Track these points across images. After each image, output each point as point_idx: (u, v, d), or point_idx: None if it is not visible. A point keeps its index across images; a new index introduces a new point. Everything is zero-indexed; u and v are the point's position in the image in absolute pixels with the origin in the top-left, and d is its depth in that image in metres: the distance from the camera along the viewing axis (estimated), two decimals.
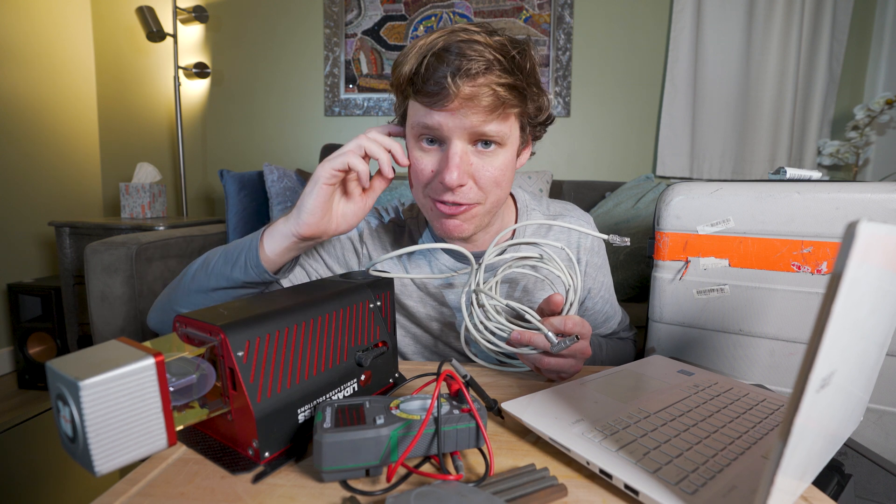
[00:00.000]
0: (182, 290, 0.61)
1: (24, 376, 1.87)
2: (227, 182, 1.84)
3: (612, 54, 2.13)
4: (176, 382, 0.32)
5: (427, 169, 0.57)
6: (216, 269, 0.58)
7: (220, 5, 2.24)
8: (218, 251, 0.60)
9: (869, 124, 1.87)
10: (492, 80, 0.51)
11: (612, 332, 0.80)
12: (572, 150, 2.20)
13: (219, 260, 0.59)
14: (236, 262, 0.57)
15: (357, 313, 0.46)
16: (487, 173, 0.56)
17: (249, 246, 0.57)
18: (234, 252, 0.58)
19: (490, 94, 0.51)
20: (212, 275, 0.58)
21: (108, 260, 1.29)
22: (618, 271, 1.48)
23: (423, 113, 0.54)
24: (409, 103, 0.57)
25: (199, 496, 0.33)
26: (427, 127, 0.54)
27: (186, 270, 0.63)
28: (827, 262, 0.66)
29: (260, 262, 0.56)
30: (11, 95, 1.97)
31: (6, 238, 1.99)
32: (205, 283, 0.59)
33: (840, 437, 0.38)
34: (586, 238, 0.72)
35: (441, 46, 0.51)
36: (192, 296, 0.60)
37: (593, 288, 0.74)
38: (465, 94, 0.50)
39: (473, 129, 0.53)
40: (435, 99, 0.52)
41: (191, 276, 0.61)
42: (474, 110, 0.52)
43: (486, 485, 0.33)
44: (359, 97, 2.23)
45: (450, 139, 0.54)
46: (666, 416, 0.43)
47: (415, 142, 0.57)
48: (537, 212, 0.73)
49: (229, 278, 0.57)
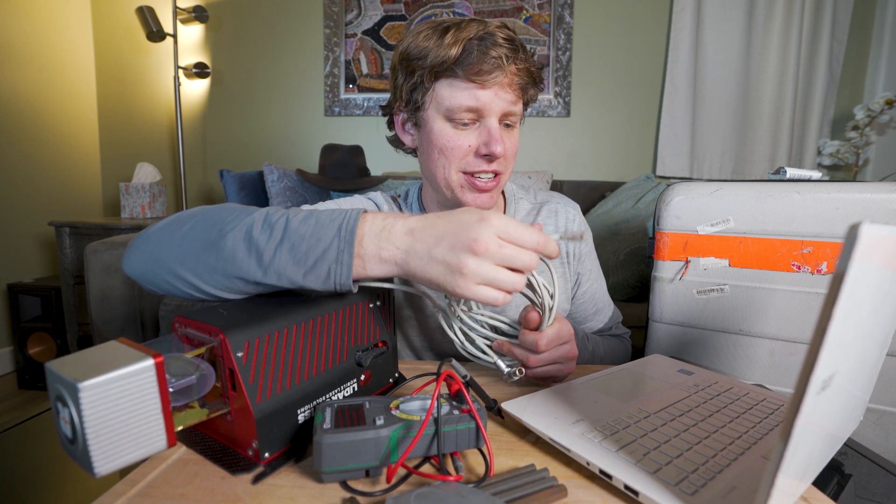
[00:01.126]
0: (203, 265, 0.42)
1: (24, 376, 1.87)
2: (227, 182, 1.84)
3: (612, 54, 2.13)
4: (176, 383, 0.32)
5: (465, 145, 0.60)
6: (278, 264, 0.40)
7: (220, 5, 2.24)
8: (274, 233, 0.41)
9: (869, 124, 1.87)
10: (527, 64, 0.60)
11: (604, 328, 0.79)
12: (572, 150, 2.20)
13: (281, 254, 0.40)
14: (313, 270, 0.40)
15: (357, 313, 0.46)
16: (511, 146, 0.63)
17: (338, 258, 0.39)
18: (307, 252, 0.40)
19: (526, 75, 0.60)
20: (269, 269, 0.40)
21: (108, 260, 1.29)
22: (618, 271, 1.48)
23: (467, 92, 0.58)
24: (438, 85, 0.60)
25: (199, 497, 0.33)
26: (470, 108, 0.58)
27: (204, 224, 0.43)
28: (827, 263, 0.66)
29: (351, 283, 0.41)
30: (11, 95, 1.97)
31: (6, 238, 1.99)
32: (249, 273, 0.41)
33: (840, 437, 0.38)
34: (573, 223, 0.74)
35: (483, 32, 0.57)
36: (218, 277, 0.42)
37: (582, 274, 0.74)
38: (512, 72, 0.58)
39: (508, 107, 0.60)
40: (487, 77, 0.57)
41: (228, 254, 0.41)
42: (511, 89, 0.59)
43: (486, 485, 0.33)
44: (359, 97, 2.23)
45: (487, 117, 0.59)
46: (666, 416, 0.43)
47: (447, 123, 0.61)
48: (525, 200, 0.75)
49: (292, 281, 0.40)
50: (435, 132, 0.61)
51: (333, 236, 0.40)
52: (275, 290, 0.42)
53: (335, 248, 0.39)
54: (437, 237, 0.39)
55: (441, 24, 0.60)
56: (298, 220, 0.41)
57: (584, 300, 0.75)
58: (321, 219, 0.41)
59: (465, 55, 0.57)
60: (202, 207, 0.46)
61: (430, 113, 0.61)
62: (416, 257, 0.39)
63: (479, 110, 0.59)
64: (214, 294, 0.43)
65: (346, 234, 0.39)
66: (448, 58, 0.57)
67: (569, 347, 0.52)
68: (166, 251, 0.43)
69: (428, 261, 0.39)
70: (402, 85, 0.63)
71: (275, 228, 0.41)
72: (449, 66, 0.57)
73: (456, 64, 0.57)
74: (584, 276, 0.74)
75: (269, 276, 0.40)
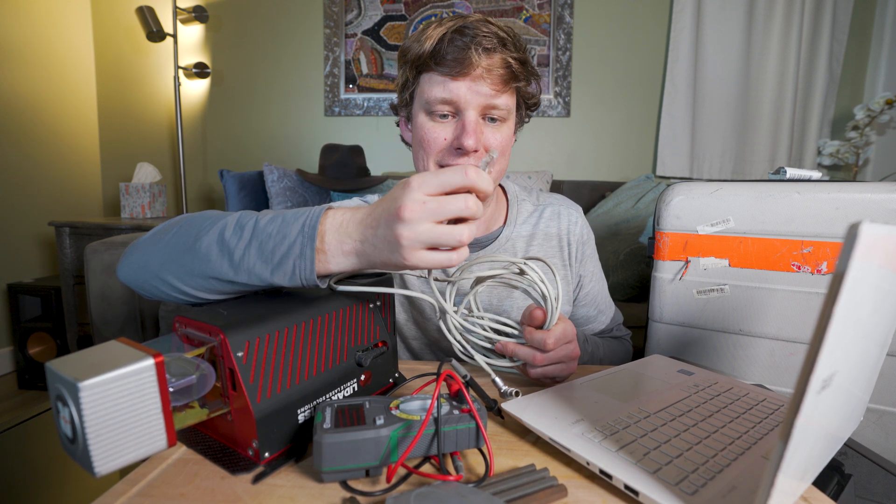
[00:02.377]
0: (184, 268, 0.44)
1: (24, 376, 1.87)
2: (227, 182, 1.84)
3: (612, 54, 2.13)
4: (176, 383, 0.32)
5: (440, 138, 0.60)
6: (247, 262, 0.41)
7: (220, 5, 2.24)
8: (240, 236, 0.42)
9: (869, 124, 1.87)
10: (506, 55, 0.58)
11: (605, 330, 0.79)
12: (572, 150, 2.20)
13: (250, 252, 0.41)
14: (279, 267, 0.41)
15: (357, 313, 0.46)
16: (496, 140, 0.61)
17: (301, 253, 0.40)
18: (274, 249, 0.41)
19: (504, 67, 0.58)
20: (239, 268, 0.41)
21: (108, 260, 1.29)
22: (618, 271, 1.48)
23: (441, 85, 0.58)
24: (421, 79, 0.61)
25: (199, 497, 0.33)
26: (444, 100, 0.58)
27: (186, 231, 0.46)
28: (827, 262, 0.66)
29: (315, 278, 0.41)
30: (11, 95, 1.97)
31: (6, 238, 1.99)
32: (222, 272, 0.42)
33: (840, 437, 0.38)
34: (575, 226, 0.73)
35: (460, 25, 0.58)
36: (196, 279, 0.44)
37: (584, 276, 0.74)
38: (485, 64, 0.57)
39: (488, 98, 0.58)
40: (457, 69, 0.57)
41: (203, 255, 0.43)
42: (489, 81, 0.58)
43: (486, 485, 0.33)
44: (359, 97, 2.23)
45: (465, 110, 0.59)
46: (666, 416, 0.43)
47: (426, 116, 0.61)
48: (527, 202, 0.75)
49: (261, 278, 0.42)
50: (417, 126, 0.63)
51: (297, 233, 0.40)
52: (251, 289, 0.43)
53: (298, 243, 0.40)
54: (377, 219, 0.39)
55: (434, 21, 0.61)
56: (266, 220, 0.43)
57: (586, 302, 0.75)
58: (287, 217, 0.42)
59: (438, 48, 0.58)
60: (186, 215, 0.49)
61: (416, 107, 0.63)
62: (369, 245, 0.39)
63: (453, 102, 0.59)
64: (196, 295, 0.44)
65: (309, 230, 0.40)
66: (423, 52, 0.58)
67: (572, 347, 0.52)
68: (152, 258, 0.46)
69: (376, 245, 0.39)
70: (398, 82, 0.66)
71: (245, 229, 0.42)
72: (425, 59, 0.59)
73: (430, 57, 0.58)
74: (587, 279, 0.74)
75: (240, 275, 0.41)
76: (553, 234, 0.73)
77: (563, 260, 0.73)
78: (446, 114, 0.60)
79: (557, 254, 0.72)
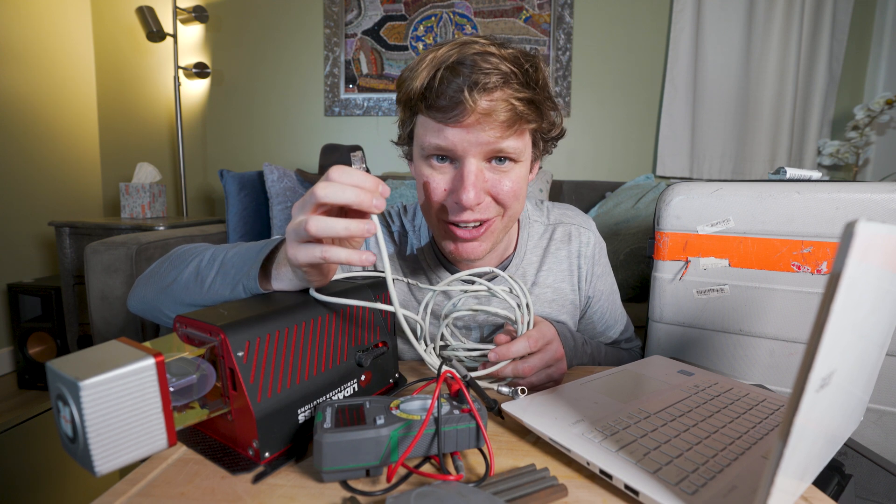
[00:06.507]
0: (171, 298, 0.51)
1: (24, 376, 1.87)
2: (227, 182, 1.84)
3: (612, 54, 2.13)
4: (176, 383, 0.32)
5: (440, 188, 0.53)
6: (214, 289, 0.48)
7: (220, 5, 2.24)
8: (212, 268, 0.49)
9: (869, 124, 1.87)
10: (509, 94, 0.49)
11: (613, 342, 0.78)
12: (572, 150, 2.20)
13: (217, 280, 0.48)
14: (234, 289, 0.46)
15: (357, 313, 0.46)
16: (505, 187, 0.53)
17: (248, 274, 0.45)
18: (234, 276, 0.46)
19: (507, 109, 0.49)
20: (208, 294, 0.48)
21: (108, 260, 1.29)
22: (618, 271, 1.48)
23: (436, 130, 0.51)
24: (417, 120, 0.54)
25: (199, 496, 0.33)
26: (440, 147, 0.51)
27: (173, 266, 0.53)
28: (827, 262, 0.66)
29: (257, 285, 0.45)
30: (11, 95, 1.97)
31: (6, 238, 1.99)
32: (199, 299, 0.49)
33: (840, 437, 0.38)
34: (587, 247, 0.70)
35: (455, 59, 0.49)
36: (183, 308, 0.51)
37: (592, 297, 0.72)
38: (482, 108, 0.48)
39: (490, 145, 0.50)
40: (450, 115, 0.49)
41: (182, 286, 0.50)
42: (491, 125, 0.49)
43: (486, 485, 0.33)
44: (359, 97, 2.23)
45: (464, 157, 0.51)
46: (666, 417, 0.43)
47: (424, 160, 0.54)
48: (538, 223, 0.71)
49: (228, 299, 0.47)
50: (416, 171, 0.57)
51: (254, 258, 0.45)
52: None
53: (243, 273, 0.45)
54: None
55: (433, 48, 0.52)
56: (233, 252, 0.49)
57: (592, 319, 0.74)
58: (252, 248, 0.47)
59: (429, 87, 0.49)
60: (176, 251, 0.56)
61: (415, 149, 0.56)
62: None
63: (450, 151, 0.51)
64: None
65: (261, 255, 0.45)
66: (413, 90, 0.51)
67: (555, 347, 0.52)
68: (149, 292, 0.54)
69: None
70: (398, 116, 0.58)
71: (215, 262, 0.49)
72: (416, 100, 0.51)
73: (421, 99, 0.50)
74: (595, 298, 0.72)
75: (207, 299, 0.48)
76: (563, 258, 0.70)
77: (571, 285, 0.70)
78: (445, 157, 0.53)
79: (567, 279, 0.70)
